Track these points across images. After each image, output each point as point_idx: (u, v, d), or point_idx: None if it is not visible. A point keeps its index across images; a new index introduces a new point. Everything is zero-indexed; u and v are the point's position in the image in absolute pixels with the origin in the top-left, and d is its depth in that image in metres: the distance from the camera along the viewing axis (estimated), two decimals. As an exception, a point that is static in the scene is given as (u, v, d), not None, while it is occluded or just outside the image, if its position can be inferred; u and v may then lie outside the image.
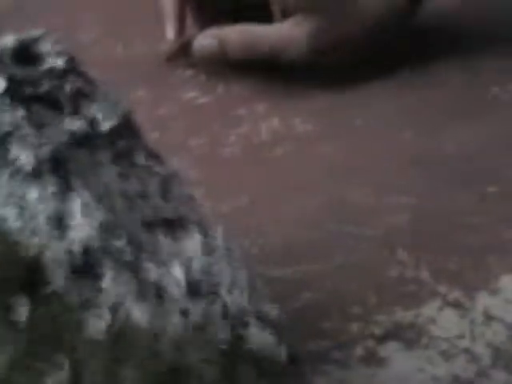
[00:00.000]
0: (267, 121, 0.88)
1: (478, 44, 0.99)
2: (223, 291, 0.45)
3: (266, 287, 0.51)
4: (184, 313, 0.43)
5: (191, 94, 0.92)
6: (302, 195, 0.80)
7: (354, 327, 0.70)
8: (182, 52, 0.93)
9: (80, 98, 0.54)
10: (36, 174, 0.48)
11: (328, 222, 0.77)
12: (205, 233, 0.50)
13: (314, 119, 0.89)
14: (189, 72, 0.96)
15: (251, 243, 0.73)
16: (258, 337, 0.44)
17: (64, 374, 0.39)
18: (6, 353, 0.40)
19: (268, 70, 0.93)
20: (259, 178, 0.82)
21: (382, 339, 0.69)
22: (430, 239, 0.75)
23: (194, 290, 0.45)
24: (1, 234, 0.43)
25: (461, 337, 0.68)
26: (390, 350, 0.68)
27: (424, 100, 0.91)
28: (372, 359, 0.68)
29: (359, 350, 0.69)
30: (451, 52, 0.98)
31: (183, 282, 0.45)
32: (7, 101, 0.50)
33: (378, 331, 0.69)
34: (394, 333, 0.70)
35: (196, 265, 0.46)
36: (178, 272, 0.45)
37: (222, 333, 0.42)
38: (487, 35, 1.00)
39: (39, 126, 0.50)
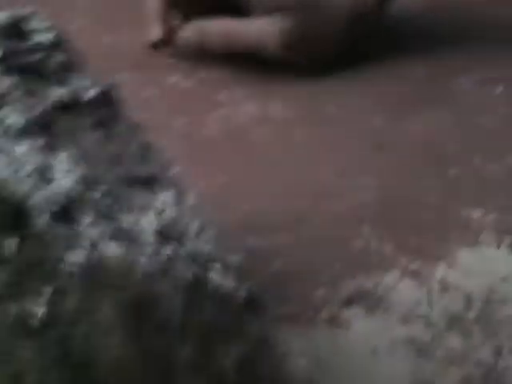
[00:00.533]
0: (245, 105, 0.93)
1: (442, 40, 1.05)
2: (191, 238, 0.51)
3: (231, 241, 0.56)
4: (153, 253, 0.48)
5: (174, 79, 0.97)
6: (276, 174, 0.85)
7: (321, 293, 0.75)
8: (167, 41, 0.98)
9: (65, 69, 0.59)
10: (24, 133, 0.53)
11: (299, 198, 0.82)
12: (177, 191, 0.55)
13: (290, 105, 0.94)
14: (172, 59, 1.01)
15: (226, 215, 0.78)
16: (219, 278, 0.49)
17: (44, 299, 0.44)
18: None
19: (247, 58, 0.98)
20: (236, 158, 0.87)
21: (346, 304, 0.74)
22: (393, 216, 0.81)
23: (163, 235, 0.50)
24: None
25: (418, 303, 0.73)
26: (353, 313, 0.74)
27: (392, 90, 0.97)
28: (336, 322, 0.73)
29: (324, 314, 0.74)
30: (417, 47, 1.04)
31: (154, 227, 0.50)
32: (1, 69, 0.55)
33: (342, 297, 0.74)
34: (357, 298, 0.75)
35: (167, 215, 0.51)
36: (150, 220, 0.50)
37: (187, 271, 0.47)
38: (453, 32, 1.06)
39: (29, 93, 0.55)
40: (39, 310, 0.44)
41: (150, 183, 0.56)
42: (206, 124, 0.91)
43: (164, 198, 0.53)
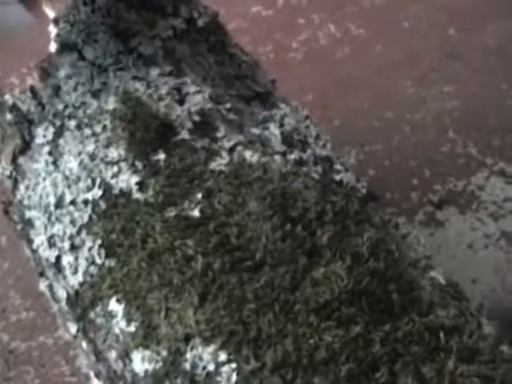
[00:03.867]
0: (324, 28, 0.98)
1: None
2: (312, 143, 0.56)
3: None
4: (283, 154, 0.54)
5: (255, 9, 1.01)
6: (360, 90, 0.90)
7: (414, 196, 0.80)
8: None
9: (178, 2, 0.64)
10: (153, 59, 0.59)
11: (386, 109, 0.87)
12: (289, 104, 0.61)
13: (367, 24, 0.98)
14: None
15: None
16: (342, 173, 0.55)
17: (198, 199, 0.50)
18: (150, 185, 0.52)
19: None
20: (321, 77, 0.92)
21: (439, 205, 0.80)
22: (475, 121, 0.85)
23: (288, 141, 0.56)
24: (135, 99, 0.54)
25: (507, 200, 0.79)
26: (447, 214, 0.79)
27: (465, 3, 1.00)
28: (431, 222, 0.78)
29: (420, 215, 0.79)
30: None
31: (279, 136, 0.56)
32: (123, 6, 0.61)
33: (434, 199, 0.80)
34: (449, 199, 0.80)
35: (287, 124, 0.57)
36: (273, 129, 0.56)
37: (313, 171, 0.53)
38: None
39: (150, 25, 0.61)
40: (196, 208, 0.50)
41: (265, 98, 0.61)
42: (290, 49, 0.96)
43: (283, 111, 0.58)
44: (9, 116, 0.59)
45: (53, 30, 0.64)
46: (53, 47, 0.63)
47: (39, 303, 0.74)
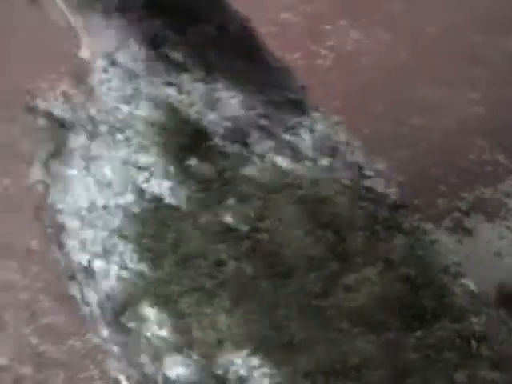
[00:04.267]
0: (351, 34, 0.98)
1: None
2: (342, 149, 0.57)
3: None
4: (314, 160, 0.54)
5: (284, 15, 1.02)
6: (387, 96, 0.90)
7: (441, 203, 0.80)
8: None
9: (210, 8, 0.65)
10: (184, 65, 0.59)
11: (410, 117, 0.87)
12: (319, 110, 0.61)
13: (391, 29, 0.98)
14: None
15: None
16: (373, 180, 0.55)
17: (229, 204, 0.51)
18: (183, 190, 0.52)
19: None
20: (348, 83, 0.92)
21: (466, 212, 0.80)
22: (503, 127, 0.85)
23: (318, 147, 0.56)
24: (167, 105, 0.55)
25: (535, 207, 0.78)
26: (474, 221, 0.79)
27: (486, 7, 1.00)
28: (459, 229, 0.78)
29: (447, 222, 0.79)
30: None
31: (310, 142, 0.56)
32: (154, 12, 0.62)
33: (462, 205, 0.80)
34: (476, 206, 0.80)
35: (318, 130, 0.57)
36: (304, 135, 0.57)
37: (346, 174, 0.53)
38: None
39: (181, 31, 0.62)
40: (228, 214, 0.51)
41: (295, 105, 0.61)
42: (318, 55, 0.96)
43: (313, 117, 0.59)
44: (41, 121, 0.60)
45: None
46: (84, 53, 0.64)
47: (68, 307, 0.74)
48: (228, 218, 0.50)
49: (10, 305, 0.77)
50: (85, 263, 0.56)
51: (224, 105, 0.57)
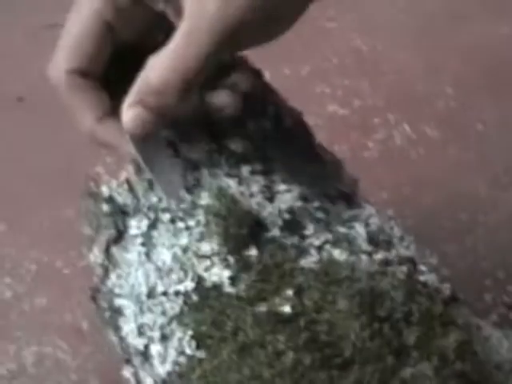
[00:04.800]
0: (399, 128, 1.00)
1: None
2: (396, 243, 0.58)
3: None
4: (369, 254, 0.56)
5: (331, 108, 1.04)
6: (435, 190, 0.92)
7: (488, 297, 0.81)
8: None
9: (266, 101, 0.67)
10: (244, 157, 0.61)
11: (460, 210, 0.89)
12: (372, 204, 0.63)
13: (440, 125, 1.00)
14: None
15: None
16: (426, 275, 0.56)
17: (289, 295, 0.52)
18: (242, 280, 0.53)
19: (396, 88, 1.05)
20: (397, 176, 0.94)
21: (512, 307, 0.80)
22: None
23: (373, 240, 0.57)
24: (229, 196, 0.57)
25: None
26: (521, 316, 0.79)
27: None
28: (505, 323, 0.79)
29: (494, 317, 0.80)
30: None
31: (365, 236, 0.57)
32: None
33: (508, 300, 0.80)
34: (524, 302, 0.80)
35: (372, 224, 0.59)
36: (359, 228, 0.58)
37: (401, 269, 0.55)
38: None
39: (240, 123, 0.64)
40: (287, 304, 0.52)
41: (349, 198, 0.63)
42: (366, 147, 0.98)
43: (367, 211, 0.60)
44: (105, 207, 0.62)
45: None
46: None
47: (118, 389, 0.76)
48: (287, 309, 0.52)
49: (60, 385, 0.78)
50: (141, 348, 0.57)
51: (282, 197, 0.59)
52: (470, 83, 1.05)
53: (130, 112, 0.57)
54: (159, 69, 0.55)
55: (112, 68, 0.61)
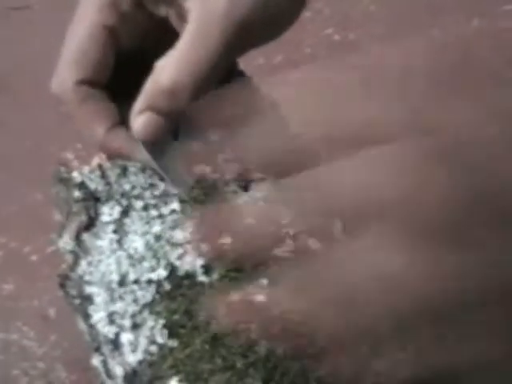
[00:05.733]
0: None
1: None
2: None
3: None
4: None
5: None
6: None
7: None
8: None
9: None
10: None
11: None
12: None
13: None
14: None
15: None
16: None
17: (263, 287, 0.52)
18: (216, 268, 0.53)
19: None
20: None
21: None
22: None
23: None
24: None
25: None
26: None
27: None
28: None
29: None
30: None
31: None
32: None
33: None
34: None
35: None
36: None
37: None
38: None
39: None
40: (260, 293, 0.51)
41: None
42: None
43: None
44: (76, 193, 0.61)
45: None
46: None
47: (85, 377, 0.75)
48: (261, 298, 0.51)
49: (26, 373, 0.77)
50: (111, 336, 0.56)
51: (257, 186, 0.58)
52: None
53: (140, 118, 0.56)
54: (170, 72, 0.54)
55: (113, 77, 0.60)
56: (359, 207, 0.51)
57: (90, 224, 0.60)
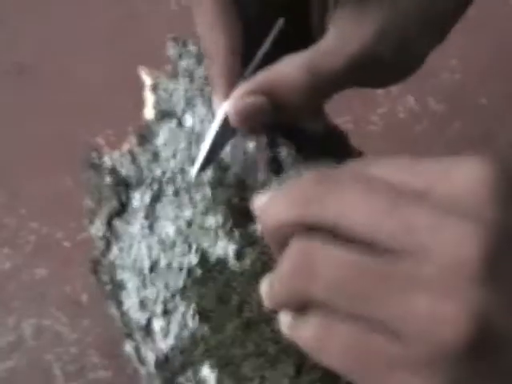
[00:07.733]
0: (403, 101, 0.99)
1: None
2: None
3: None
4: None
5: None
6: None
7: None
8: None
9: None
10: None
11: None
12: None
13: (444, 98, 0.99)
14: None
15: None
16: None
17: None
18: (247, 254, 0.52)
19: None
20: (398, 152, 0.93)
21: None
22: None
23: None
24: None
25: None
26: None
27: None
28: None
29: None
30: None
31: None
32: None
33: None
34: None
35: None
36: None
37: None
38: None
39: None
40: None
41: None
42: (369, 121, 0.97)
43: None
44: (107, 178, 0.61)
45: (149, 97, 0.66)
46: (148, 113, 0.65)
47: (117, 363, 0.75)
48: (292, 283, 0.51)
49: (59, 358, 0.78)
50: (143, 322, 0.56)
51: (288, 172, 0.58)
52: (475, 56, 1.04)
53: (249, 98, 0.55)
54: (295, 66, 0.54)
55: None
56: None
57: (122, 210, 0.60)
